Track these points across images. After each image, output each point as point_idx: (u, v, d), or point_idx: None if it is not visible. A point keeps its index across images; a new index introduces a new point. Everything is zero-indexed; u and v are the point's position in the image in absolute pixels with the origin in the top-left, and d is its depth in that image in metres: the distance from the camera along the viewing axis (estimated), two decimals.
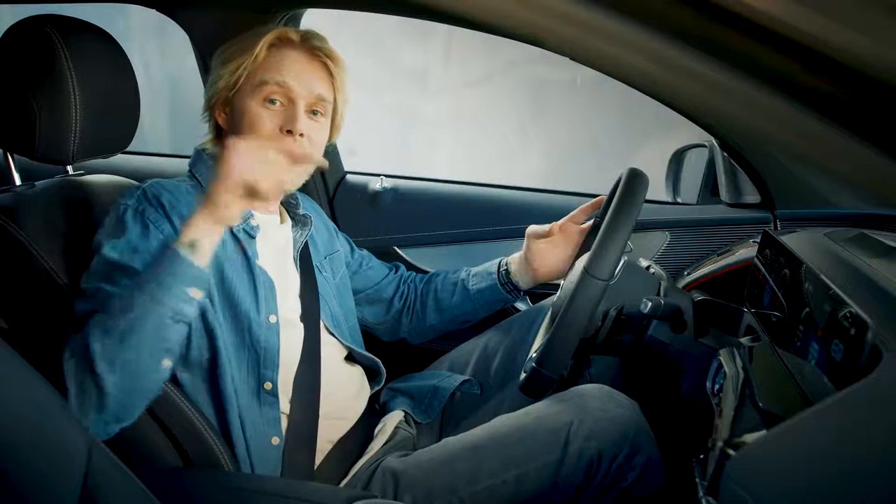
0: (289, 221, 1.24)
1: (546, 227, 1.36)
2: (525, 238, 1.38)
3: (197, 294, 0.93)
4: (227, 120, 1.14)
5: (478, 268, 1.43)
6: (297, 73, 1.09)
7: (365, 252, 1.48)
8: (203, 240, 0.92)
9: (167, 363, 0.93)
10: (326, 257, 1.32)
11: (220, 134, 1.17)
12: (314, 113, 1.12)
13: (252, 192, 0.93)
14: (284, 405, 1.11)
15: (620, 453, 1.03)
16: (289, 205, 1.26)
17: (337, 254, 1.37)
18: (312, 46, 1.13)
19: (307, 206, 1.31)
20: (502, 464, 1.04)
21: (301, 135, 1.08)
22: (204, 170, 1.15)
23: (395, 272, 1.48)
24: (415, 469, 1.08)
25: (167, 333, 0.91)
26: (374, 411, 1.31)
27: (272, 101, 1.08)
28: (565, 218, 1.37)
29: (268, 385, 1.08)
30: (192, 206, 0.97)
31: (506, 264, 1.39)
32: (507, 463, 1.04)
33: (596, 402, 1.07)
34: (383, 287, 1.45)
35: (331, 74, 1.14)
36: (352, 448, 1.18)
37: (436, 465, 1.08)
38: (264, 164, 0.93)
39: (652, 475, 1.05)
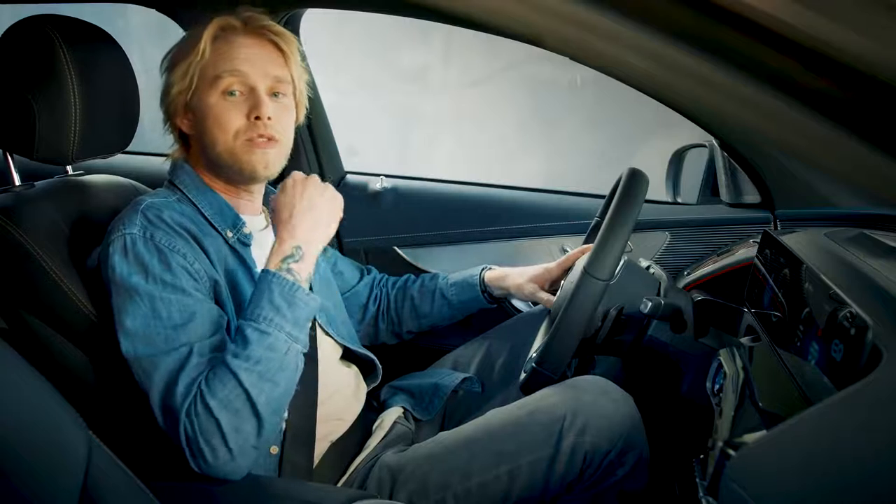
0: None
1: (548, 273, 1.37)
2: (526, 278, 1.37)
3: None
4: (191, 125, 1.10)
5: (455, 276, 1.44)
6: (249, 58, 1.06)
7: (332, 250, 1.45)
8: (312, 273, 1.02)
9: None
10: None
11: (187, 141, 1.13)
12: (276, 95, 1.09)
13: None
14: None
15: (614, 449, 1.03)
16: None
17: None
18: (257, 28, 1.09)
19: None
20: (495, 459, 1.04)
21: (269, 118, 1.06)
22: (188, 180, 1.11)
23: (368, 274, 1.47)
24: (410, 465, 1.08)
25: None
26: (373, 409, 1.30)
27: (232, 93, 1.06)
28: (558, 264, 1.37)
29: None
30: (192, 219, 1.05)
31: (482, 274, 1.41)
32: (500, 458, 1.04)
33: (590, 396, 1.06)
34: (360, 291, 1.44)
35: (282, 52, 1.10)
36: (350, 446, 1.18)
37: (430, 460, 1.07)
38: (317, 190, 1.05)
39: (640, 472, 1.05)
